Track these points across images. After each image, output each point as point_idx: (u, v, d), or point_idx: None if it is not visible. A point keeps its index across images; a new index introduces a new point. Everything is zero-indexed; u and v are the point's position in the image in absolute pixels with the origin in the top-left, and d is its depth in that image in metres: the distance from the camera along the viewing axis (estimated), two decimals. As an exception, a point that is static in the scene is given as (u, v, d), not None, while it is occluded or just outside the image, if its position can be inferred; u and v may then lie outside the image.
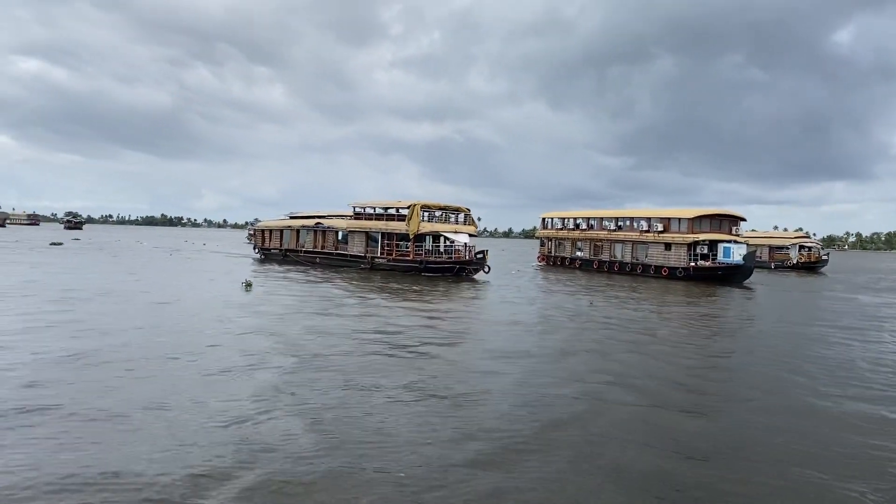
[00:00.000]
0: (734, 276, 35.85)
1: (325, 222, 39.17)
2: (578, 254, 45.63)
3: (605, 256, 43.36)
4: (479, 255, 32.60)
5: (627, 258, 41.64)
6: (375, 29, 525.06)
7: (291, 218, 43.98)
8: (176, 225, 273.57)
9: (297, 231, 40.81)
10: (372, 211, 36.41)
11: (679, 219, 38.99)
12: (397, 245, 34.17)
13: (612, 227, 43.86)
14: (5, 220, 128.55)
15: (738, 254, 36.56)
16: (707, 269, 36.58)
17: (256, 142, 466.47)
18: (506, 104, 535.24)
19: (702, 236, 37.57)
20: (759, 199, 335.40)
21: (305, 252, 39.68)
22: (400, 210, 34.70)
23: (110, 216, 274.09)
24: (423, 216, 33.74)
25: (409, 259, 33.36)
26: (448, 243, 33.60)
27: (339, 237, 38.17)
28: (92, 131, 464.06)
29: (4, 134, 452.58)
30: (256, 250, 45.31)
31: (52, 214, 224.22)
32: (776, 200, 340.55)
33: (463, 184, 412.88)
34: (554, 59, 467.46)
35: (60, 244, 60.56)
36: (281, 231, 42.30)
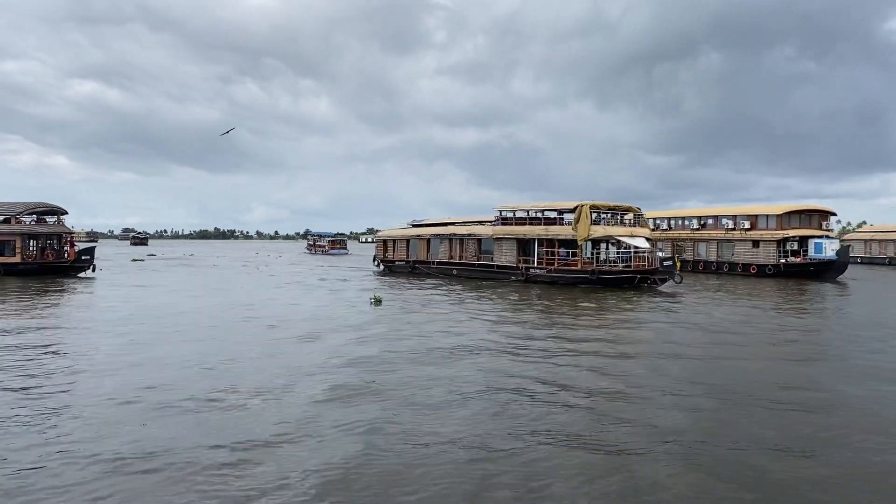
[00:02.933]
0: (827, 271, 35.90)
1: (462, 230, 35.52)
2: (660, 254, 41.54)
3: (688, 256, 42.59)
4: (666, 263, 28.24)
5: (713, 257, 41.59)
6: (419, 38, 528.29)
7: (415, 226, 40.59)
8: (228, 238, 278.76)
9: (428, 240, 37.39)
10: (525, 214, 32.58)
11: (767, 215, 39.57)
12: (559, 252, 30.13)
13: (695, 225, 43.86)
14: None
15: (830, 249, 36.53)
16: (798, 265, 36.98)
17: (303, 154, 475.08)
18: (551, 107, 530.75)
19: (791, 232, 38.22)
20: (814, 193, 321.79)
21: (438, 264, 36.14)
22: (562, 212, 30.74)
23: (165, 231, 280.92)
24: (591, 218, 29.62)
25: (575, 269, 29.34)
26: (624, 249, 29.40)
27: (482, 246, 34.39)
28: (145, 149, 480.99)
29: (62, 155, 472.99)
30: (376, 262, 42.04)
31: (109, 231, 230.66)
32: (832, 194, 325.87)
33: (508, 188, 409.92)
34: (599, 59, 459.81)
35: (142, 260, 59.59)
36: (407, 241, 39.00)
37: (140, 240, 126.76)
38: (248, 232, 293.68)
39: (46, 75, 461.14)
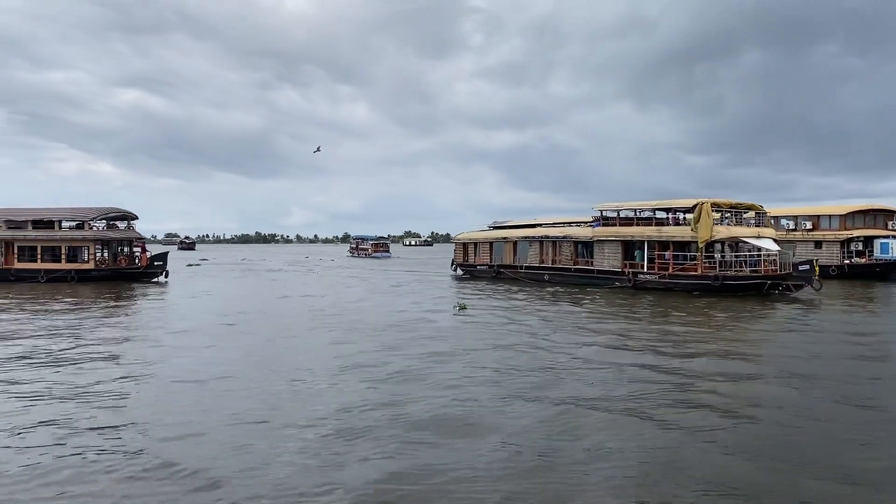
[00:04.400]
0: (894, 272, 35.26)
1: (555, 231, 33.44)
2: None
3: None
4: (803, 267, 25.71)
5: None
6: (455, 41, 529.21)
7: (497, 228, 38.65)
8: (269, 242, 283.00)
9: (515, 243, 35.43)
10: (631, 214, 30.32)
11: (829, 216, 38.97)
12: (673, 256, 27.83)
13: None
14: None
15: None
16: (863, 266, 36.29)
17: (340, 158, 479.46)
18: (588, 107, 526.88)
19: (856, 232, 37.49)
20: (859, 192, 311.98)
21: (527, 268, 34.12)
22: (676, 211, 28.46)
23: (207, 235, 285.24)
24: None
25: (694, 274, 26.98)
26: (749, 251, 26.98)
27: (578, 249, 32.27)
28: (187, 155, 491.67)
29: (107, 162, 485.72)
30: (454, 267, 40.22)
31: (153, 237, 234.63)
32: (879, 193, 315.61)
33: (545, 190, 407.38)
34: (637, 59, 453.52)
35: (197, 265, 59.35)
36: (490, 244, 37.09)
37: (188, 245, 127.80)
38: (287, 236, 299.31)
39: (91, 84, 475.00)
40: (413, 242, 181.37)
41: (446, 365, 12.31)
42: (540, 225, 35.73)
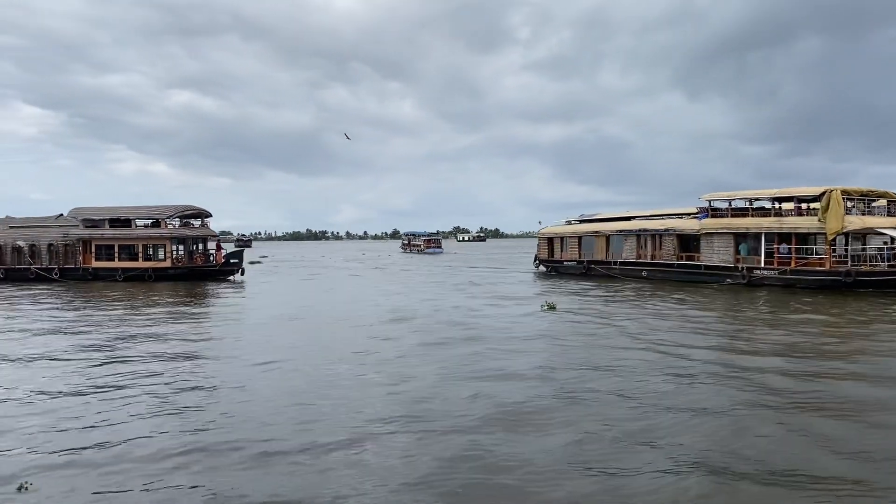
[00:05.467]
0: None
1: (655, 224, 31.40)
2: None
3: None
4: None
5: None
6: (503, 34, 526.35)
7: (584, 221, 36.78)
8: (320, 238, 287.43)
9: (608, 237, 33.47)
10: (744, 204, 28.08)
11: None
12: (796, 249, 25.55)
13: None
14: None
15: None
16: None
17: (388, 155, 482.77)
18: (639, 99, 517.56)
19: None
20: None
21: (622, 264, 32.17)
22: (800, 200, 26.15)
23: (259, 233, 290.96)
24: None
25: (821, 269, 24.67)
26: (886, 243, 24.52)
27: (682, 243, 30.18)
28: (239, 155, 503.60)
29: (162, 162, 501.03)
30: (536, 263, 38.53)
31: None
32: None
33: (594, 183, 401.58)
34: (689, 48, 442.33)
35: (259, 262, 59.55)
36: (579, 238, 35.26)
37: (244, 242, 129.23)
38: (337, 233, 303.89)
39: (147, 87, 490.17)
40: (466, 238, 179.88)
41: (564, 373, 11.01)
42: (634, 217, 33.73)
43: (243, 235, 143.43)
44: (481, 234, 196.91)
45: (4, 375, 11.39)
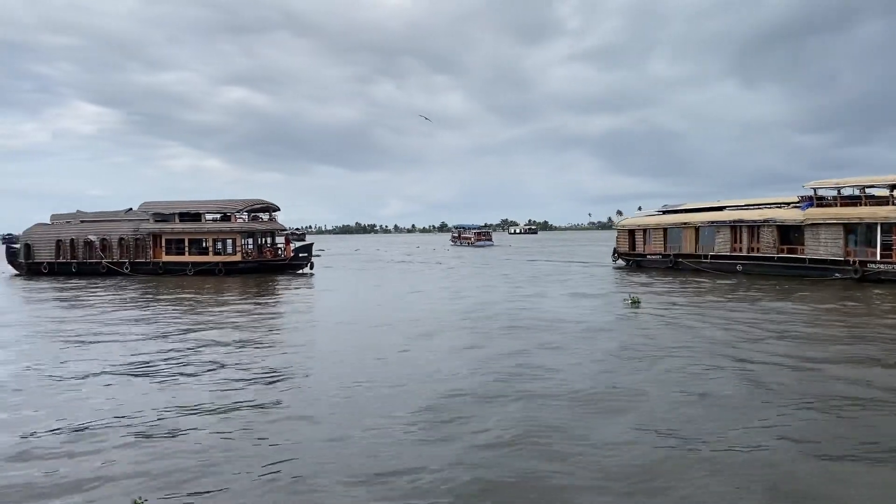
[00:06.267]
0: None
1: (752, 214, 29.53)
2: None
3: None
4: None
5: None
6: (551, 25, 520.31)
7: (667, 212, 35.06)
8: (369, 232, 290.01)
9: (697, 229, 31.70)
10: (856, 192, 26.05)
11: None
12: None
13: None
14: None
15: None
16: None
17: (435, 148, 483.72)
18: (690, 87, 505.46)
19: None
20: None
21: (714, 257, 30.43)
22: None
23: (309, 227, 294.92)
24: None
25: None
26: None
27: (779, 234, 28.29)
28: (290, 150, 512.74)
29: (216, 158, 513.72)
30: (615, 257, 36.98)
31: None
32: None
33: (644, 174, 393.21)
34: (743, 34, 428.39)
35: (318, 256, 59.14)
36: (664, 230, 33.57)
37: (299, 236, 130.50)
38: (386, 226, 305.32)
39: (200, 84, 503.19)
40: (517, 231, 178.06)
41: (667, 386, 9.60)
42: (726, 207, 31.84)
43: (297, 229, 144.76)
44: (533, 227, 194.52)
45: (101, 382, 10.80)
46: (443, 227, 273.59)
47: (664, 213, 35.42)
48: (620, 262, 36.67)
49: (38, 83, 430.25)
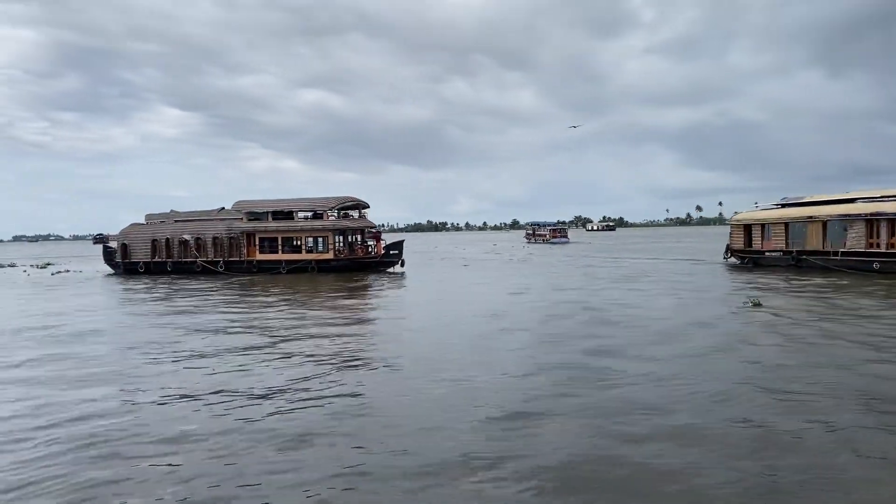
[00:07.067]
0: None
1: (892, 206, 26.80)
2: None
3: None
4: None
5: None
6: (625, 17, 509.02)
7: (786, 205, 32.52)
8: (440, 230, 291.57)
9: (825, 223, 29.17)
10: None
11: None
12: None
13: None
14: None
15: None
16: None
17: (506, 145, 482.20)
18: (773, 78, 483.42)
19: None
20: None
21: (846, 254, 27.86)
22: None
23: (382, 225, 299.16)
24: None
25: None
26: None
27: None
28: (363, 150, 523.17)
29: (293, 159, 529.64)
30: (727, 254, 34.72)
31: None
32: None
33: (724, 168, 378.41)
34: (829, 22, 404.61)
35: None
36: (785, 225, 31.15)
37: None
38: (457, 223, 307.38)
39: (277, 87, 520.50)
40: (595, 227, 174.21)
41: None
42: (857, 199, 29.10)
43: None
44: (611, 224, 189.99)
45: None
46: (514, 225, 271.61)
47: (783, 206, 32.84)
48: (733, 260, 34.34)
49: (124, 89, 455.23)
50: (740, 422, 7.48)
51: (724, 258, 35.08)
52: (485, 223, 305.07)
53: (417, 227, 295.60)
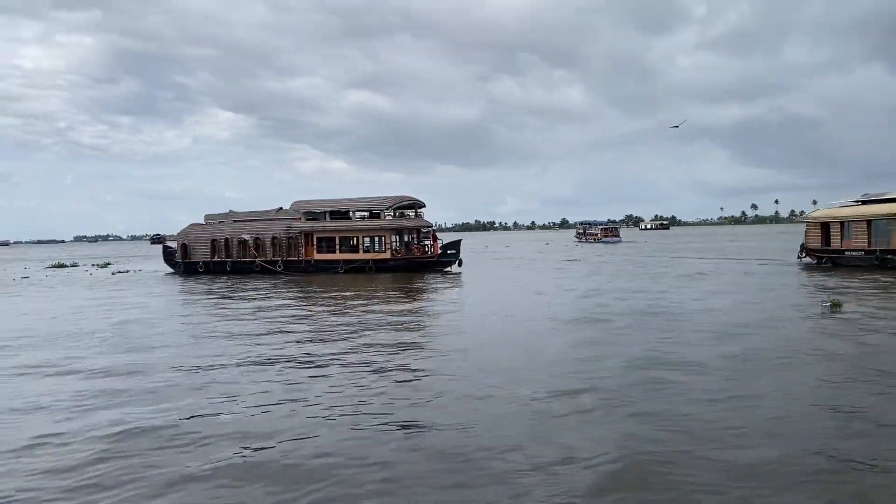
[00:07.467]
0: None
1: None
2: None
3: None
4: None
5: None
6: (677, 13, 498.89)
7: (867, 202, 30.85)
8: (488, 229, 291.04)
9: (915, 220, 27.47)
10: None
11: None
12: None
13: None
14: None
15: None
16: None
17: (553, 143, 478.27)
18: (830, 73, 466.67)
19: None
20: None
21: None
22: None
23: (429, 225, 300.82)
24: None
25: None
26: None
27: None
28: (409, 150, 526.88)
29: (340, 159, 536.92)
30: (802, 254, 33.20)
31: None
32: None
33: (778, 165, 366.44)
34: (891, 15, 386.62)
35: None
36: (868, 222, 29.54)
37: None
38: (505, 223, 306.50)
39: (326, 88, 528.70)
40: (648, 226, 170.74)
41: None
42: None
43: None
44: (664, 222, 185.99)
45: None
46: (563, 224, 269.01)
47: (865, 202, 31.11)
48: (808, 260, 32.79)
49: (178, 92, 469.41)
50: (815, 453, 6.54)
51: (798, 258, 33.52)
52: (533, 223, 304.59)
53: (465, 227, 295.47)
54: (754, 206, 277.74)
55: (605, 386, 9.27)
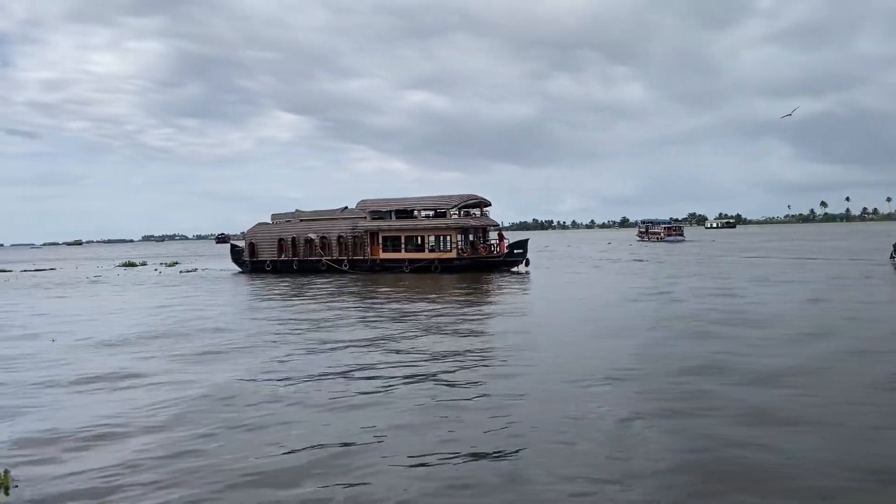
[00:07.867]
0: None
1: None
2: None
3: None
4: None
5: None
6: (741, 6, 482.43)
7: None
8: (546, 228, 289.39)
9: None
10: None
11: None
12: None
13: None
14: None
15: None
16: None
17: (612, 141, 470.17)
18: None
19: None
20: None
21: None
22: None
23: (496, 224, 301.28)
24: None
25: None
26: None
27: None
28: (466, 149, 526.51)
29: (399, 159, 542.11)
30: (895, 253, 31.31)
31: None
32: None
33: (848, 161, 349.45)
34: None
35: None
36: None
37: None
38: (563, 222, 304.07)
39: (384, 89, 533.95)
40: (714, 225, 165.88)
41: None
42: None
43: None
44: (731, 221, 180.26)
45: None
46: (624, 223, 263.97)
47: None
48: (901, 259, 30.94)
49: (242, 95, 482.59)
50: None
51: (892, 258, 31.64)
52: (592, 221, 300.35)
53: (523, 226, 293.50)
54: (824, 204, 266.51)
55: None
